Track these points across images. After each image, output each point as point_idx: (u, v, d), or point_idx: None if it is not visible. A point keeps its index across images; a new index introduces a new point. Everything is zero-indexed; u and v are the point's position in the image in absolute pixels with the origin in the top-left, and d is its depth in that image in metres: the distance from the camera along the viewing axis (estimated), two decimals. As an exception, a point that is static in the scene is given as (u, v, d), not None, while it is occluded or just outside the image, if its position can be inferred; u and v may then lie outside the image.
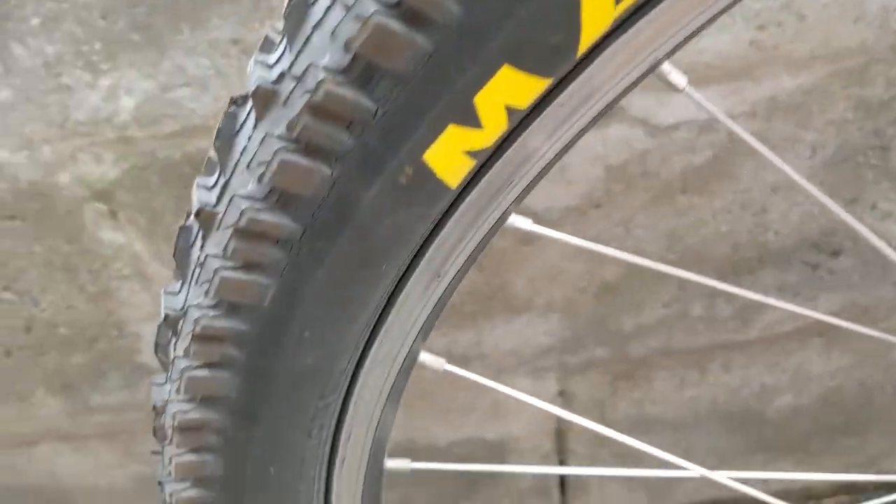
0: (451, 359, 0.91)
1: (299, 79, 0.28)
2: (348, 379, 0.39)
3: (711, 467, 1.16)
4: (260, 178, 0.29)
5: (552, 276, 0.83)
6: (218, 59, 0.64)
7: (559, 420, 1.02)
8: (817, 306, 0.92)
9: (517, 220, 0.37)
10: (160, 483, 0.42)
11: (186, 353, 0.34)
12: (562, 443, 1.05)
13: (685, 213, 0.80)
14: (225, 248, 0.31)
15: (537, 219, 0.78)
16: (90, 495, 0.99)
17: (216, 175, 0.33)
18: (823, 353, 0.99)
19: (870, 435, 1.08)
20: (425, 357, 0.43)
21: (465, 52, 0.27)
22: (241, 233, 0.30)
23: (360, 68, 0.27)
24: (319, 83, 0.27)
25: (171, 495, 0.40)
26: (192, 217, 0.34)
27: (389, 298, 0.37)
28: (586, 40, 0.28)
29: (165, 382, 0.40)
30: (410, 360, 0.42)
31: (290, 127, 0.28)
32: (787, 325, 0.93)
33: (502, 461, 1.06)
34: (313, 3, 0.28)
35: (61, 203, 0.68)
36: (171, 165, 0.68)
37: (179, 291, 0.35)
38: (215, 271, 0.31)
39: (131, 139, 0.66)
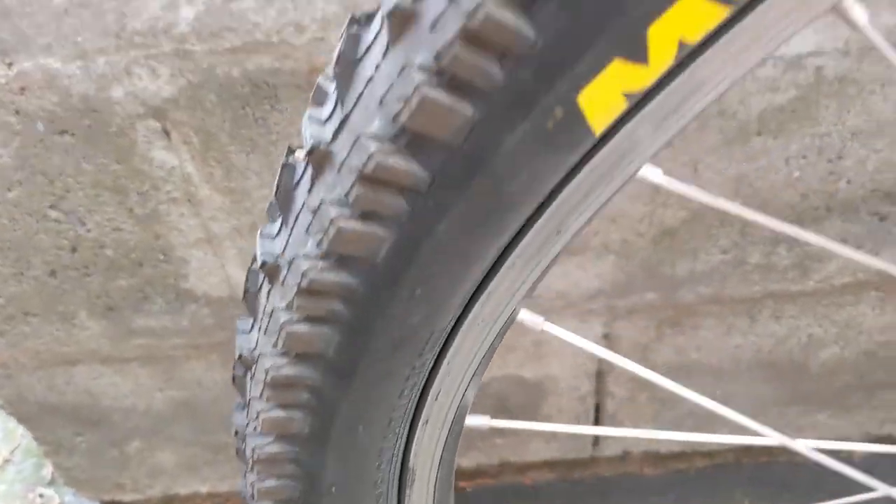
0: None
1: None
2: (445, 337, 0.37)
3: (747, 415, 1.15)
4: (395, 117, 0.26)
5: (612, 217, 0.79)
6: (282, -29, 0.59)
7: (600, 362, 1.01)
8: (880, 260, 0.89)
9: (648, 172, 0.33)
10: (238, 435, 0.40)
11: (289, 307, 0.32)
12: (601, 384, 1.03)
13: (757, 157, 0.76)
14: (347, 194, 0.28)
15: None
16: (127, 416, 0.98)
17: (332, 107, 0.29)
18: (877, 307, 0.96)
19: (913, 391, 1.07)
20: (525, 315, 0.40)
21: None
22: (367, 179, 0.27)
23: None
24: (479, 5, 0.23)
25: (253, 449, 0.38)
26: (299, 154, 0.31)
27: (502, 254, 0.34)
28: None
29: (252, 330, 0.37)
30: (510, 320, 0.39)
31: (438, 56, 0.24)
32: (846, 276, 0.90)
33: (539, 401, 1.05)
34: None
35: (113, 120, 0.65)
36: (229, 83, 0.64)
37: (278, 235, 0.32)
38: (332, 221, 0.28)
39: (189, 53, 0.62)
